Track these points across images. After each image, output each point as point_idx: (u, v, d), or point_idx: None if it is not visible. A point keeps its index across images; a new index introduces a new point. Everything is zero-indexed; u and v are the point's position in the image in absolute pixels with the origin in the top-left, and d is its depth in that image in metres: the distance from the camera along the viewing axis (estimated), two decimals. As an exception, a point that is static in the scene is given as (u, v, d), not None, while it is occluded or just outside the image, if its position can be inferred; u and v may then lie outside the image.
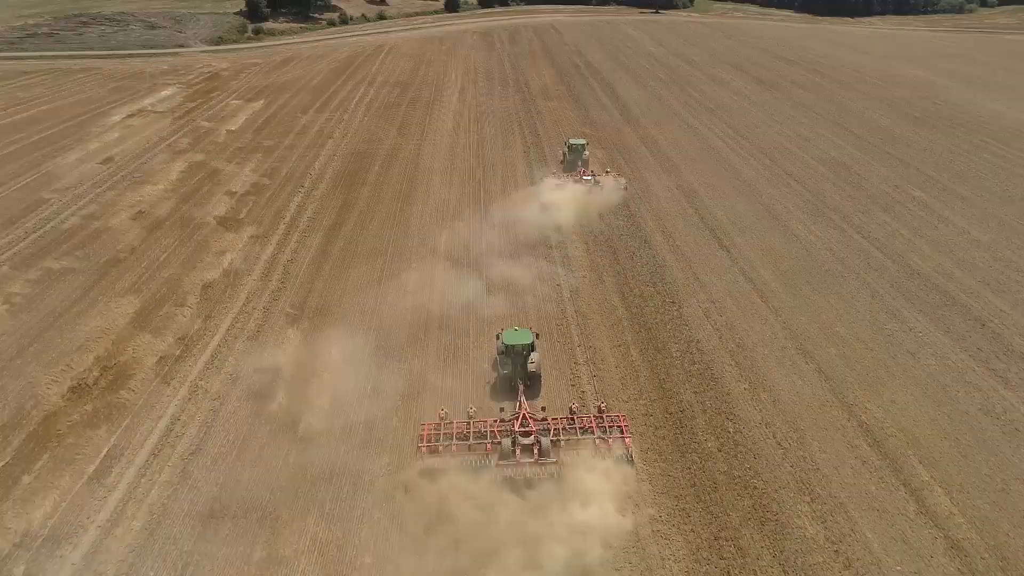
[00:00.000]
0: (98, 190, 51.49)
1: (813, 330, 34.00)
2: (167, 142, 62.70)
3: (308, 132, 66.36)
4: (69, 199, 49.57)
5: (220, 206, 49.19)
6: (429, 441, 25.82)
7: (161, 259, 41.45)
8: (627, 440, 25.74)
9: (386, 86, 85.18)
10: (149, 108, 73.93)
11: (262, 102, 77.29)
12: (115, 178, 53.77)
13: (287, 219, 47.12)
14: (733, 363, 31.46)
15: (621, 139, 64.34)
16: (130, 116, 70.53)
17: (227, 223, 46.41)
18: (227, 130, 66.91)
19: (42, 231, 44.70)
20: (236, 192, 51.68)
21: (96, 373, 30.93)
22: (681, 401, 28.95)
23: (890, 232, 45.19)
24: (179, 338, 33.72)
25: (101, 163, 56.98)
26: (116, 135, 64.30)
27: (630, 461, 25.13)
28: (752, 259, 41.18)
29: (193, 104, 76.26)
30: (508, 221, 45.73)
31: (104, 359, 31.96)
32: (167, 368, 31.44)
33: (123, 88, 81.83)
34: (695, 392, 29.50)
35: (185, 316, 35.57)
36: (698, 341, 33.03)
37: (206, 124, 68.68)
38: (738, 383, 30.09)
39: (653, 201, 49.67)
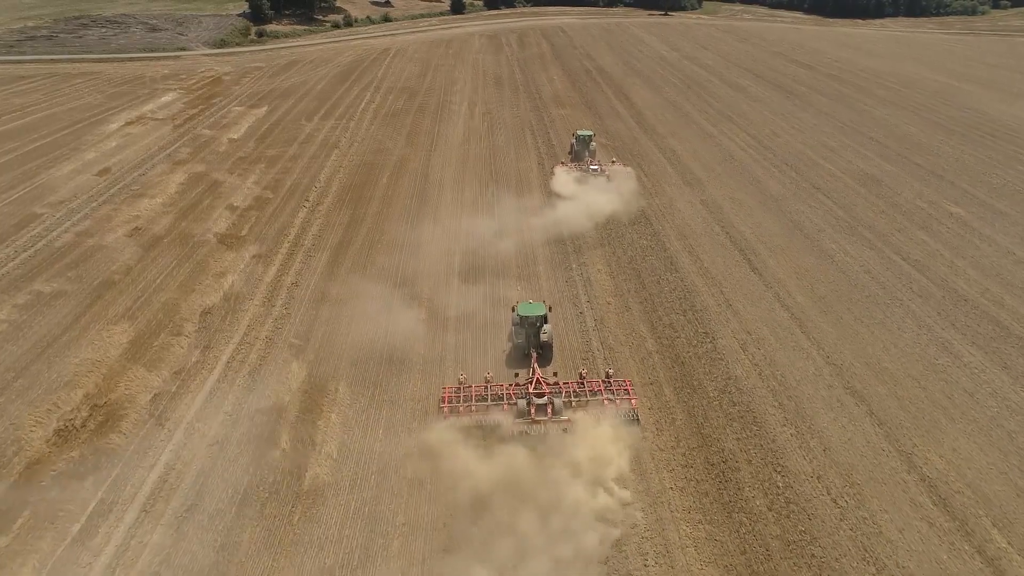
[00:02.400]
0: (93, 204, 49.08)
1: (859, 366, 31.45)
2: (166, 152, 60.30)
3: (313, 141, 63.94)
4: (63, 214, 47.16)
5: (221, 222, 46.75)
6: (450, 402, 27.94)
7: (157, 281, 39.00)
8: (633, 401, 27.96)
9: (393, 92, 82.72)
10: (149, 115, 71.53)
11: (265, 109, 74.88)
12: (111, 191, 51.36)
13: (291, 237, 44.67)
14: (776, 404, 28.94)
15: (639, 149, 61.76)
16: (129, 124, 68.13)
17: (228, 241, 43.97)
18: (229, 139, 64.49)
19: (33, 249, 42.26)
20: (238, 207, 49.24)
21: (85, 413, 28.50)
22: (723, 450, 26.42)
23: (930, 252, 42.63)
24: (175, 372, 31.28)
25: (97, 174, 54.57)
26: (114, 144, 61.93)
27: (636, 420, 27.44)
28: (786, 283, 38.64)
29: (194, 111, 73.86)
30: (524, 241, 43.29)
31: (94, 396, 29.51)
32: (162, 407, 29.01)
33: (122, 94, 79.46)
34: (737, 439, 26.97)
35: (182, 347, 33.12)
36: (736, 378, 30.50)
37: (207, 132, 66.29)
38: (783, 428, 27.56)
39: (676, 217, 47.13)
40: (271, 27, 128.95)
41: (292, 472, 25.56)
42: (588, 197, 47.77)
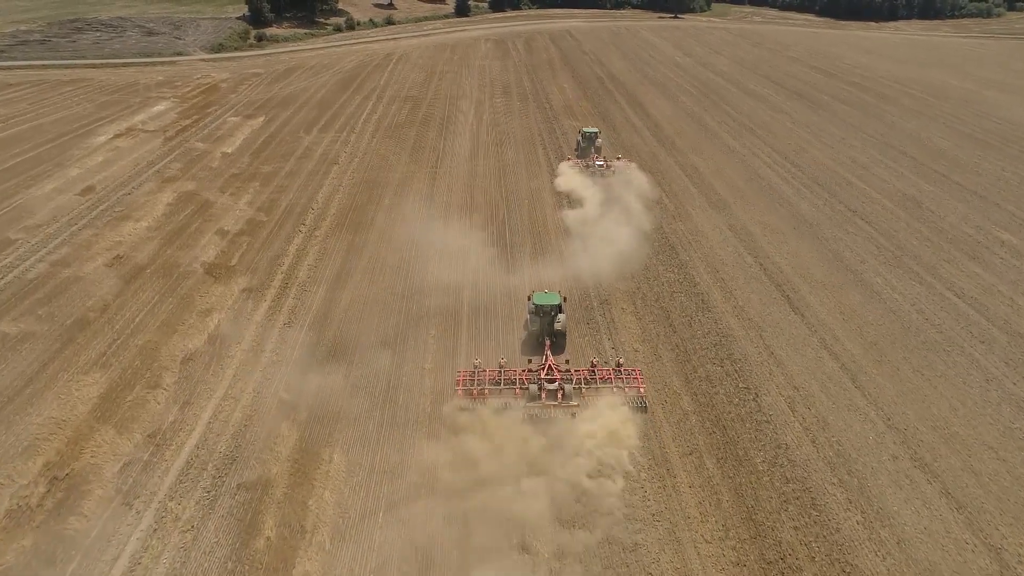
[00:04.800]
0: (73, 228, 45.52)
1: (926, 431, 27.64)
2: (155, 168, 56.70)
3: (311, 156, 60.30)
4: (39, 240, 43.60)
5: (210, 249, 43.13)
6: (464, 385, 29.11)
7: (137, 320, 35.36)
8: (641, 388, 29.01)
9: (396, 101, 79.02)
10: (139, 126, 67.97)
11: (262, 119, 71.27)
12: (93, 213, 47.78)
13: (285, 267, 41.00)
14: (836, 481, 25.15)
15: (658, 166, 57.97)
16: (118, 136, 64.59)
17: (216, 272, 40.33)
18: (222, 153, 60.90)
19: (3, 282, 38.68)
20: (228, 231, 45.60)
21: (42, 489, 24.84)
22: (780, 542, 22.64)
23: (985, 288, 38.78)
24: (149, 435, 27.60)
25: (80, 194, 51.00)
26: (100, 159, 58.36)
27: (643, 408, 28.28)
28: (831, 326, 34.82)
29: (188, 121, 70.29)
30: (540, 274, 39.48)
31: (55, 466, 25.87)
32: (131, 481, 25.33)
33: (113, 103, 75.92)
34: (795, 528, 23.19)
35: (159, 403, 29.45)
36: (787, 447, 26.71)
37: (200, 145, 62.70)
38: (848, 513, 23.77)
39: (704, 245, 43.34)
40: (271, 30, 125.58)
41: (278, 569, 21.90)
42: (606, 229, 43.82)
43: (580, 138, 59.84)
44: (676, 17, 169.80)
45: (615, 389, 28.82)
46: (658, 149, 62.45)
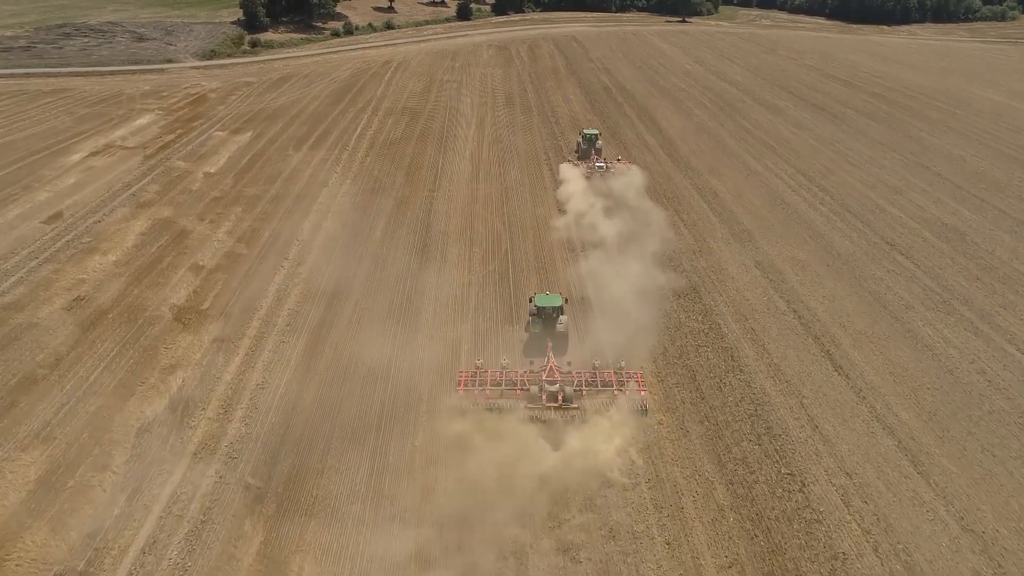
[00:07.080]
0: (33, 262, 41.36)
1: (1009, 535, 23.28)
2: (131, 190, 52.50)
3: (299, 177, 56.04)
4: (-7, 278, 39.50)
5: (181, 288, 38.95)
6: (466, 385, 28.98)
7: (91, 379, 31.14)
8: (643, 392, 28.69)
9: (392, 114, 74.70)
10: (119, 142, 63.83)
11: (249, 134, 67.06)
12: (58, 244, 43.62)
13: (262, 312, 36.75)
14: (908, 607, 20.81)
15: (673, 189, 53.61)
16: (94, 153, 60.47)
17: (186, 317, 36.13)
18: (204, 173, 56.74)
19: (-54, 331, 34.57)
20: (204, 267, 41.42)
21: (-49, 613, 20.69)
22: None
23: (1050, 340, 34.39)
24: (88, 534, 23.37)
25: (46, 221, 46.85)
26: (72, 180, 54.19)
27: (644, 411, 28.09)
28: (881, 390, 30.44)
29: (171, 136, 66.14)
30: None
31: (-29, 580, 21.71)
32: (59, 602, 21.14)
33: (94, 116, 71.78)
34: None
35: (104, 490, 25.21)
36: (845, 557, 22.36)
37: (181, 164, 58.52)
38: (928, 656, 19.44)
39: (730, 287, 38.97)
40: (266, 36, 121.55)
41: None
42: (620, 265, 39.58)
43: (580, 139, 60.49)
44: (683, 21, 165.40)
45: (616, 393, 28.56)
46: (672, 170, 58.06)
